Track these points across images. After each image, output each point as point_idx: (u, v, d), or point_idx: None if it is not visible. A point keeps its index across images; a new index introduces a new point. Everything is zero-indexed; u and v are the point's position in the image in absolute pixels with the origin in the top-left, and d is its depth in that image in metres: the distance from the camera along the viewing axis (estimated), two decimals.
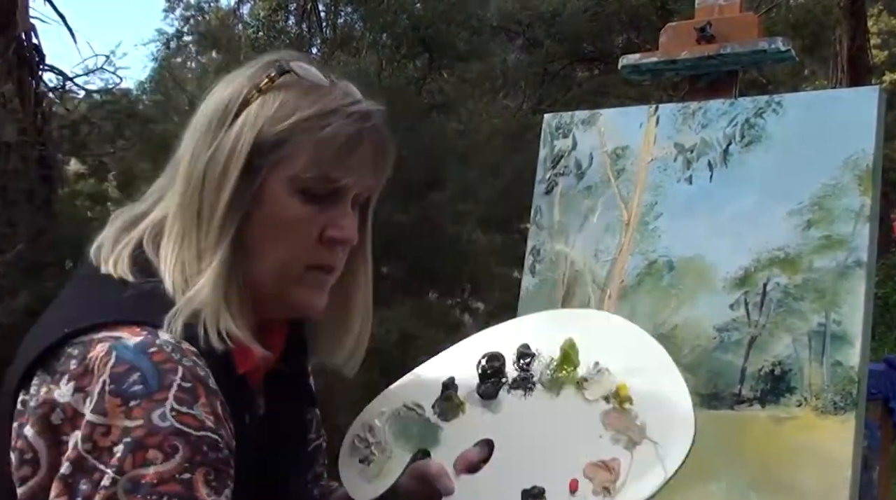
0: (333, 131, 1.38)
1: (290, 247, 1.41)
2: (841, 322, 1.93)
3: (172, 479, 1.21)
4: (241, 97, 1.42)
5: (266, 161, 1.38)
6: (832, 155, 2.02)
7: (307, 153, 1.38)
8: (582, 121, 2.37)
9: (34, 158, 6.92)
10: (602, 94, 12.27)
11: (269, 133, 1.38)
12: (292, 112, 1.39)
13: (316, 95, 1.42)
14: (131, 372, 1.25)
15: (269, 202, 1.39)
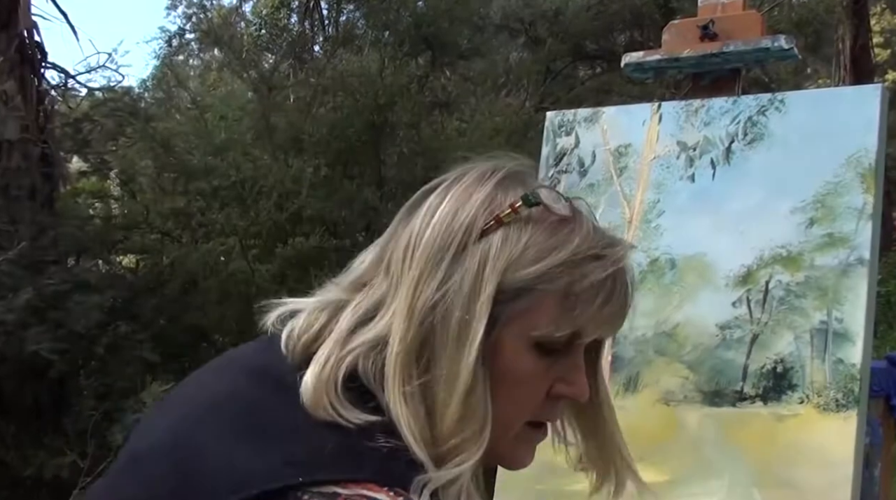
0: (588, 285, 1.20)
1: (517, 403, 1.24)
2: (843, 320, 1.93)
3: None
4: (476, 225, 1.22)
5: (506, 310, 1.19)
6: (835, 153, 2.02)
7: (555, 306, 1.20)
8: (585, 119, 2.37)
9: (36, 155, 6.93)
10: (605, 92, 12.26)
11: (513, 279, 1.19)
12: (542, 257, 1.20)
13: (565, 235, 1.22)
14: None
15: (501, 355, 1.21)
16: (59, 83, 7.84)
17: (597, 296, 1.20)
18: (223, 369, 1.32)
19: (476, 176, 1.27)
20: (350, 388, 1.20)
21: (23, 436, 6.18)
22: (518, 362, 1.21)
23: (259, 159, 7.87)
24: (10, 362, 5.83)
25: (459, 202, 1.24)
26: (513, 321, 1.19)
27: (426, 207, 1.27)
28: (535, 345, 1.20)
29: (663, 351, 2.08)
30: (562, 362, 1.23)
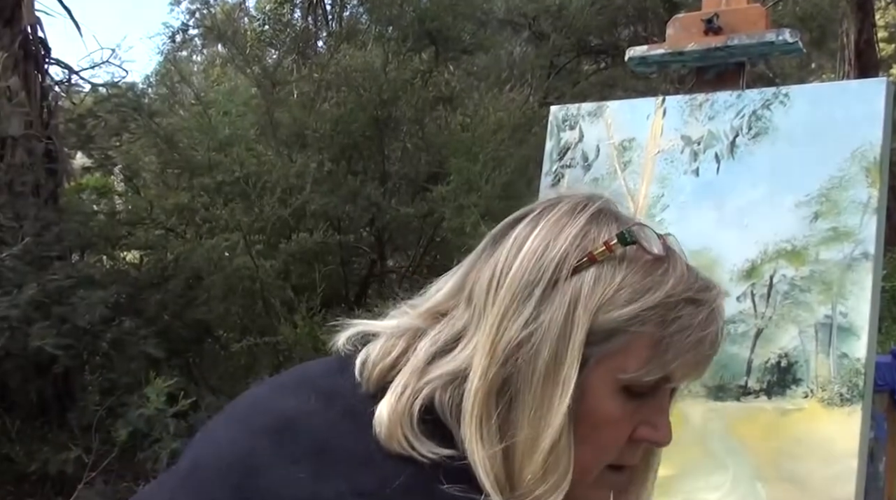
0: (682, 326, 1.16)
1: (600, 447, 1.19)
2: (847, 314, 1.93)
3: None
4: (568, 261, 1.18)
5: (596, 352, 1.15)
6: (839, 147, 2.02)
7: (647, 349, 1.15)
8: (589, 113, 2.37)
9: (40, 151, 6.93)
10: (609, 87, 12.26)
11: (605, 320, 1.15)
12: (636, 298, 1.16)
13: (659, 276, 1.18)
14: None
15: (588, 397, 1.16)
16: (62, 79, 7.84)
17: (689, 341, 1.16)
18: (294, 387, 1.28)
19: (567, 208, 1.24)
20: (426, 420, 1.16)
21: (27, 431, 6.19)
22: (605, 406, 1.16)
23: (263, 155, 7.86)
24: (15, 357, 5.83)
25: (550, 236, 1.20)
26: (602, 364, 1.15)
27: (513, 238, 1.23)
28: (622, 388, 1.16)
29: None
30: (648, 404, 1.19)
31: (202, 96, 8.96)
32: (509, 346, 1.16)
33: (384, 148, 8.34)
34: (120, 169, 9.15)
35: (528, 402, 1.15)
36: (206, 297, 6.91)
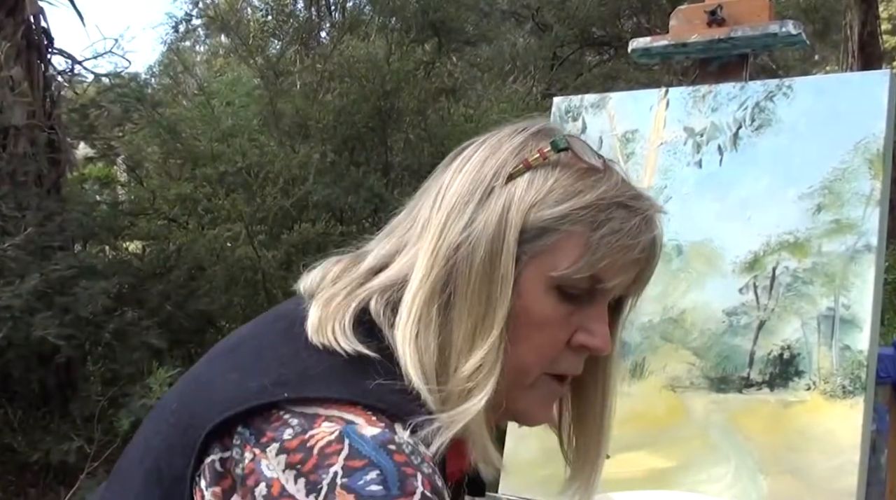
0: (612, 229, 1.20)
1: (534, 349, 1.23)
2: (850, 306, 1.93)
3: None
4: (504, 169, 1.24)
5: (528, 250, 1.20)
6: (842, 139, 2.01)
7: (577, 248, 1.20)
8: (592, 104, 2.37)
9: (43, 141, 6.93)
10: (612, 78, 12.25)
11: (536, 219, 1.20)
12: (567, 198, 1.21)
13: (592, 181, 1.23)
14: (369, 469, 1.08)
15: (522, 296, 1.20)
16: (65, 69, 7.84)
17: (619, 242, 1.20)
18: (261, 316, 1.34)
19: (510, 130, 1.29)
20: (361, 322, 1.21)
21: (29, 421, 6.20)
22: (538, 305, 1.20)
23: (265, 145, 7.86)
24: (17, 347, 5.84)
25: (491, 151, 1.26)
26: (534, 262, 1.20)
27: (459, 160, 1.29)
28: (555, 288, 1.21)
29: (670, 337, 2.08)
30: (584, 311, 1.23)
31: (205, 87, 8.96)
32: (449, 249, 1.20)
33: (387, 139, 8.34)
34: (122, 159, 9.16)
35: (466, 301, 1.19)
36: (209, 287, 6.92)
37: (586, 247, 1.19)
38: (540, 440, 2.13)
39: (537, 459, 2.13)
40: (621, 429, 2.07)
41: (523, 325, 1.20)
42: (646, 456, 2.02)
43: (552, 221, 1.19)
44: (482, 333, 1.18)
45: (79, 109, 8.00)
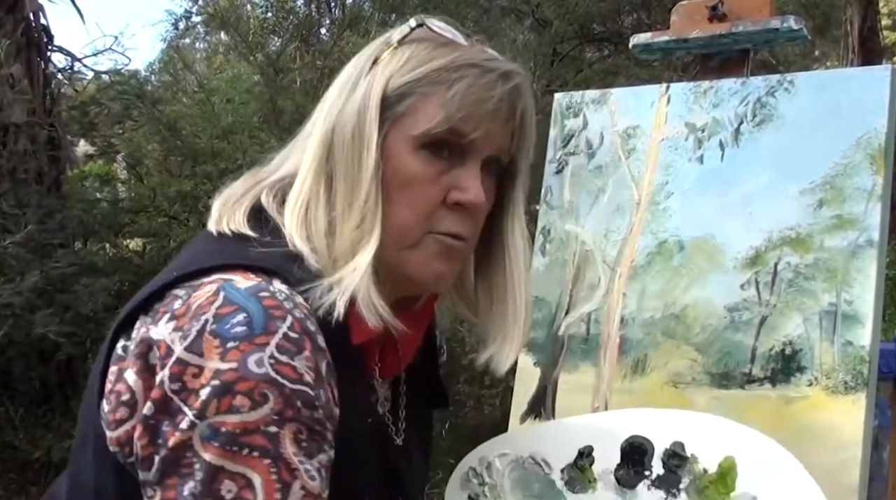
0: (467, 84, 1.31)
1: (410, 208, 1.32)
2: (852, 302, 1.93)
3: (257, 430, 1.12)
4: (371, 57, 1.38)
5: (391, 115, 1.32)
6: (844, 134, 2.01)
7: (435, 106, 1.31)
8: (593, 100, 2.36)
9: (43, 139, 6.93)
10: (612, 74, 12.23)
11: (395, 85, 1.33)
12: (422, 63, 1.34)
13: (449, 49, 1.36)
14: (237, 313, 1.16)
15: (391, 158, 1.32)
16: (65, 66, 7.84)
17: (473, 96, 1.31)
18: None
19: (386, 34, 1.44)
20: (255, 217, 1.35)
21: (31, 419, 6.21)
22: (406, 165, 1.32)
23: (266, 142, 7.86)
24: (18, 344, 5.84)
25: (364, 50, 1.43)
26: (397, 125, 1.32)
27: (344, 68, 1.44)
28: (421, 147, 1.32)
29: (671, 333, 2.07)
30: (456, 170, 1.33)
31: (205, 84, 8.96)
32: (327, 133, 1.35)
33: None
34: (123, 157, 9.16)
35: (342, 171, 1.32)
36: None
37: (441, 104, 1.30)
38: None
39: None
40: None
41: (397, 187, 1.32)
42: None
43: (409, 85, 1.32)
44: (357, 196, 1.30)
45: (79, 107, 8.00)
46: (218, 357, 1.13)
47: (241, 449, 1.11)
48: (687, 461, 1.51)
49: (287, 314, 1.18)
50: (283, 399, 1.14)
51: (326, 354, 1.21)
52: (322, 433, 1.18)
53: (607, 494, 1.54)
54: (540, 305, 2.28)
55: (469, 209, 1.34)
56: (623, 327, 2.13)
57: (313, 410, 1.16)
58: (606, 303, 2.20)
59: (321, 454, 1.18)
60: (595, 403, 2.09)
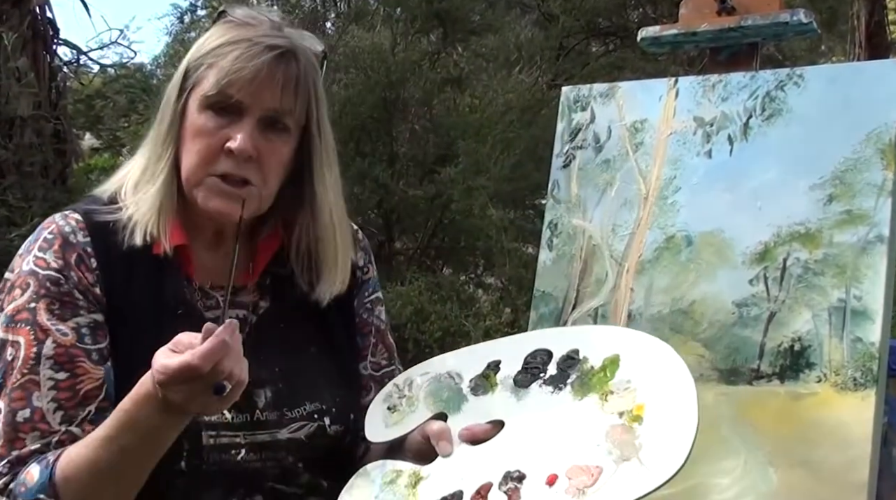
0: (234, 56, 1.62)
1: (196, 155, 1.65)
2: (861, 298, 1.91)
3: (24, 309, 1.59)
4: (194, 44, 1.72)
5: (191, 82, 1.66)
6: (854, 128, 1.99)
7: (212, 74, 1.63)
8: (600, 94, 2.35)
9: (49, 132, 6.93)
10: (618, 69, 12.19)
11: (192, 59, 1.67)
12: (208, 43, 1.67)
13: (239, 30, 1.67)
14: (30, 236, 1.66)
15: (187, 116, 1.66)
16: (71, 60, 7.83)
17: (237, 65, 1.61)
18: None
19: None
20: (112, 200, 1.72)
21: None
22: (195, 121, 1.65)
23: None
24: None
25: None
26: (194, 91, 1.65)
27: None
28: (206, 107, 1.64)
29: (679, 329, 2.06)
30: (232, 125, 1.63)
31: None
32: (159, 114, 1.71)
33: (392, 130, 8.32)
34: (128, 150, 9.15)
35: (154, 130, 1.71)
36: None
37: (216, 72, 1.62)
38: None
39: None
40: None
41: (189, 138, 1.65)
42: None
43: (200, 58, 1.66)
44: (158, 145, 1.68)
45: (84, 100, 8.00)
46: (14, 267, 1.64)
47: (15, 325, 1.59)
48: (578, 362, 1.64)
49: (52, 224, 1.65)
50: (38, 283, 1.60)
51: (79, 247, 1.63)
52: (73, 302, 1.60)
53: (504, 394, 1.69)
54: (547, 299, 2.27)
55: (242, 156, 1.63)
56: (630, 323, 2.12)
57: (59, 286, 1.60)
58: (614, 298, 2.18)
59: (77, 317, 1.60)
60: None
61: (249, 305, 1.76)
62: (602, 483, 1.47)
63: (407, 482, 1.67)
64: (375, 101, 8.08)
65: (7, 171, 6.64)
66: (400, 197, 7.91)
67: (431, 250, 8.80)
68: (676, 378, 1.54)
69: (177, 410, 1.46)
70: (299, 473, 1.72)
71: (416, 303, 6.82)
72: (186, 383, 1.41)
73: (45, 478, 1.51)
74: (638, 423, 1.52)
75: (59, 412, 1.57)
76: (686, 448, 1.45)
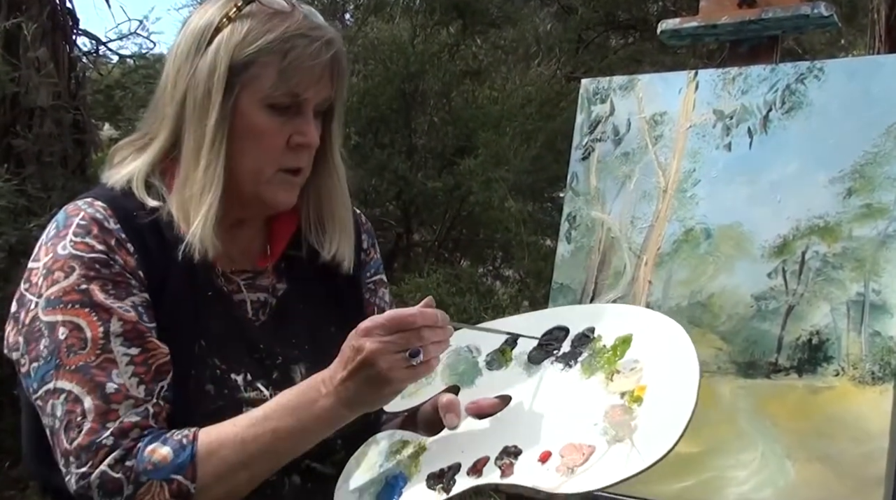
0: (297, 53, 1.62)
1: (263, 153, 1.66)
2: (880, 292, 1.91)
3: (74, 291, 1.58)
4: (213, 26, 1.65)
5: (239, 81, 1.62)
6: (874, 122, 1.99)
7: (274, 72, 1.62)
8: (620, 86, 2.35)
9: (68, 122, 6.93)
10: (637, 62, 12.16)
11: (240, 56, 1.62)
12: (259, 37, 1.63)
13: (279, 20, 1.65)
14: (52, 224, 1.66)
15: (243, 116, 1.64)
16: (90, 50, 7.84)
17: (303, 64, 1.63)
18: None
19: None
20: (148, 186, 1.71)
21: None
22: (256, 120, 1.64)
23: None
24: None
25: (201, 15, 1.69)
26: (246, 89, 1.63)
27: (182, 29, 1.72)
28: (267, 106, 1.64)
29: (698, 322, 2.06)
30: (295, 120, 1.66)
31: None
32: (179, 98, 1.67)
33: (411, 121, 8.30)
34: None
35: (192, 128, 1.65)
36: None
37: (279, 71, 1.62)
38: None
39: None
40: None
41: (250, 138, 1.65)
42: None
43: (251, 55, 1.62)
44: (205, 148, 1.63)
45: (104, 90, 8.01)
46: (43, 255, 1.62)
47: (66, 306, 1.57)
48: (591, 340, 1.67)
49: (80, 212, 1.64)
50: (85, 265, 1.59)
51: (115, 233, 1.62)
52: (126, 282, 1.61)
53: (517, 369, 1.73)
54: (565, 292, 2.28)
55: (307, 147, 1.69)
56: None
57: (111, 268, 1.60)
58: (632, 290, 2.18)
59: (132, 296, 1.60)
60: None
61: (269, 287, 1.79)
62: (591, 464, 1.48)
63: (411, 452, 1.71)
64: (394, 92, 8.07)
65: (27, 160, 6.66)
66: (418, 189, 7.90)
67: (450, 243, 8.79)
68: (682, 363, 1.55)
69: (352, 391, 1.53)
70: (336, 449, 1.75)
71: (434, 295, 6.81)
72: (391, 334, 1.49)
73: (187, 458, 1.53)
74: (637, 404, 1.53)
75: (141, 387, 1.57)
76: (676, 435, 1.46)
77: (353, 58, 8.48)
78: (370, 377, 1.51)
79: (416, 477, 1.66)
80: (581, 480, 1.48)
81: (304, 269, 1.83)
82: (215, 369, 1.67)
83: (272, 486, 1.67)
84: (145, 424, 1.56)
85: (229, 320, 1.72)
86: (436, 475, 1.63)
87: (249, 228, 1.80)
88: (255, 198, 1.71)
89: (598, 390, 1.59)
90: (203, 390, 1.63)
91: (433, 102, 8.41)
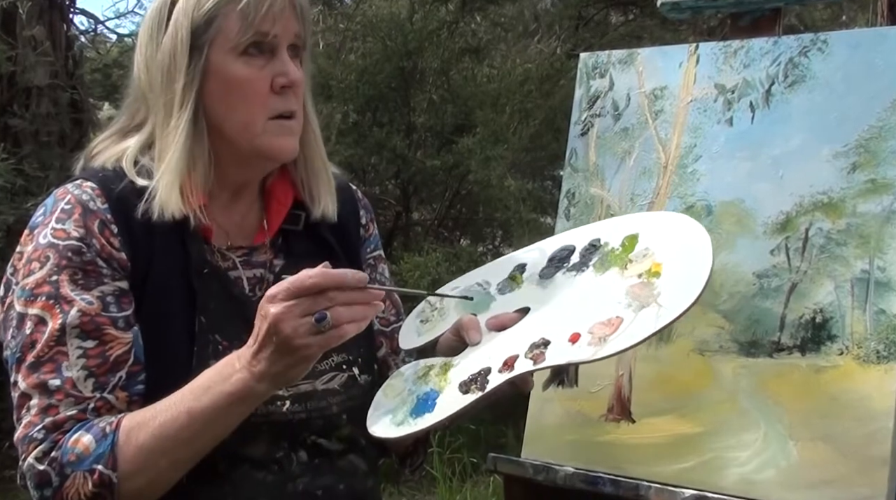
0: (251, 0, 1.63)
1: (249, 103, 1.67)
2: (885, 269, 1.87)
3: (45, 282, 1.60)
4: (168, 1, 1.69)
5: (206, 39, 1.65)
6: (879, 95, 1.95)
7: (236, 18, 1.64)
8: (619, 60, 2.31)
9: (66, 101, 6.92)
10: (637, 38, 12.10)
11: (199, 16, 1.64)
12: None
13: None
14: (40, 208, 1.68)
15: (219, 72, 1.66)
16: (87, 29, 7.83)
17: (257, 3, 1.63)
18: None
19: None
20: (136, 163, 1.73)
21: None
22: (232, 72, 1.65)
23: None
24: None
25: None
26: (214, 45, 1.65)
27: (145, 15, 1.77)
28: (239, 55, 1.65)
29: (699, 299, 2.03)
30: (272, 63, 1.67)
31: None
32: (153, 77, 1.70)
33: (410, 99, 8.28)
34: None
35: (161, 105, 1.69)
36: None
37: (241, 14, 1.63)
38: (564, 404, 2.10)
39: (563, 424, 2.09)
40: (648, 394, 2.02)
41: (233, 91, 1.66)
42: (673, 421, 1.98)
43: (210, 11, 1.64)
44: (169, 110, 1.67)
45: (101, 69, 8.00)
46: (27, 242, 1.64)
47: (35, 298, 1.60)
48: (599, 248, 1.75)
49: (67, 195, 1.66)
50: (58, 254, 1.61)
51: (101, 214, 1.64)
52: (97, 270, 1.62)
53: (530, 287, 1.80)
54: None
55: (293, 88, 1.69)
56: None
57: (82, 256, 1.61)
58: None
59: (101, 286, 1.62)
60: (619, 371, 2.06)
61: (266, 263, 1.81)
62: (622, 331, 1.57)
63: (438, 371, 1.75)
64: (393, 70, 8.04)
65: (24, 140, 6.65)
66: (417, 167, 7.88)
67: (449, 221, 8.79)
68: (691, 234, 1.67)
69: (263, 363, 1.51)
70: (341, 424, 1.78)
71: (433, 274, 6.80)
72: (294, 298, 1.47)
73: (107, 447, 1.54)
74: (656, 277, 1.64)
75: (91, 380, 1.59)
76: (700, 285, 1.57)
77: (352, 35, 8.45)
78: (278, 345, 1.50)
79: (448, 389, 1.69)
80: (615, 344, 1.56)
81: (301, 244, 1.84)
82: (217, 346, 1.68)
83: (278, 462, 1.70)
84: (80, 417, 1.58)
85: (227, 296, 1.73)
86: (467, 382, 1.67)
87: (244, 202, 1.81)
88: (254, 154, 1.71)
89: (615, 280, 1.68)
90: (206, 367, 1.62)
91: (432, 79, 8.39)
